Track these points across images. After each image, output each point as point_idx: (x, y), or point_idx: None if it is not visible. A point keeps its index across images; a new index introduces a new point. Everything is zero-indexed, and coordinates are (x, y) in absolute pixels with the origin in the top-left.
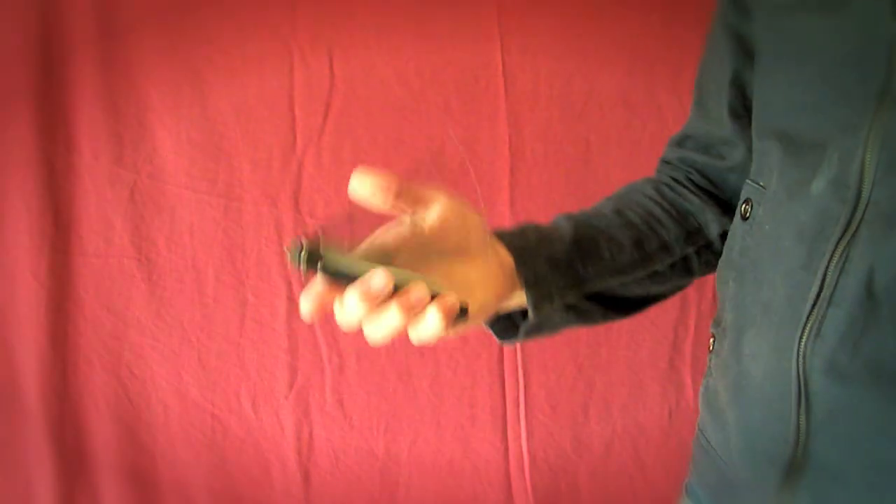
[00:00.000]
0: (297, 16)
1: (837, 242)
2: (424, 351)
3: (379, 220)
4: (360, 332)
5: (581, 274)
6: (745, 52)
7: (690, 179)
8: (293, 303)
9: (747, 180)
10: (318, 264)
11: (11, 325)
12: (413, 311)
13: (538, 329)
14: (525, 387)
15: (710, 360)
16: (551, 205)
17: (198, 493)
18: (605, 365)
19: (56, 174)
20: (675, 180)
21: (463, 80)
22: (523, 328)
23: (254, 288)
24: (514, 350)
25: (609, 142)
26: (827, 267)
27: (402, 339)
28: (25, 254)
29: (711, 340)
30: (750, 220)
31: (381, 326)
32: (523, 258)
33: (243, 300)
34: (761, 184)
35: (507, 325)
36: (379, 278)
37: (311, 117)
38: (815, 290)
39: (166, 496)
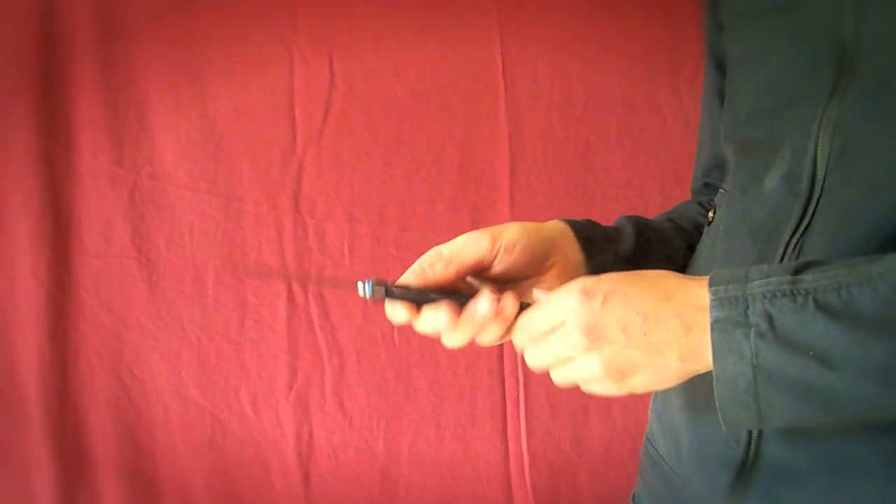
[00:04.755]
0: (297, 16)
1: (791, 237)
2: (424, 351)
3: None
4: (360, 331)
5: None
6: (721, 70)
7: None
8: (293, 303)
9: (720, 189)
10: (392, 290)
11: (11, 325)
12: (504, 331)
13: None
14: (525, 387)
15: None
16: (551, 205)
17: (198, 493)
18: None
19: (56, 174)
20: (711, 199)
21: (463, 80)
22: None
23: (254, 288)
24: (515, 350)
25: (609, 142)
26: (781, 262)
27: (401, 338)
28: (25, 254)
29: None
30: (712, 223)
31: (487, 339)
32: (592, 250)
33: (243, 300)
34: (727, 189)
35: None
36: (484, 303)
37: (311, 117)
38: None
39: (166, 496)
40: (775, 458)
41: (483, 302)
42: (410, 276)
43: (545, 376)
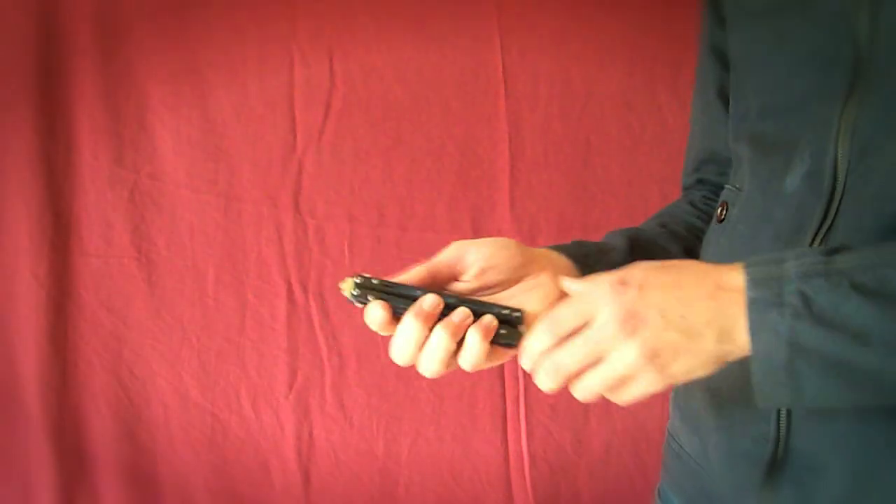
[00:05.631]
0: (297, 16)
1: (814, 235)
2: None
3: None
4: (360, 331)
5: None
6: (724, 65)
7: (716, 194)
8: (293, 303)
9: (726, 185)
10: (370, 291)
11: (11, 325)
12: (458, 333)
13: None
14: (525, 387)
15: None
16: (551, 205)
17: (198, 493)
18: None
19: (56, 174)
20: (705, 196)
21: (463, 80)
22: None
23: (254, 288)
24: None
25: (609, 142)
26: None
27: None
28: (25, 254)
29: None
30: (725, 221)
31: (432, 351)
32: (587, 264)
33: (243, 300)
34: (737, 187)
35: None
36: (430, 298)
37: (311, 117)
38: None
39: (166, 496)
40: (805, 452)
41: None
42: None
43: None
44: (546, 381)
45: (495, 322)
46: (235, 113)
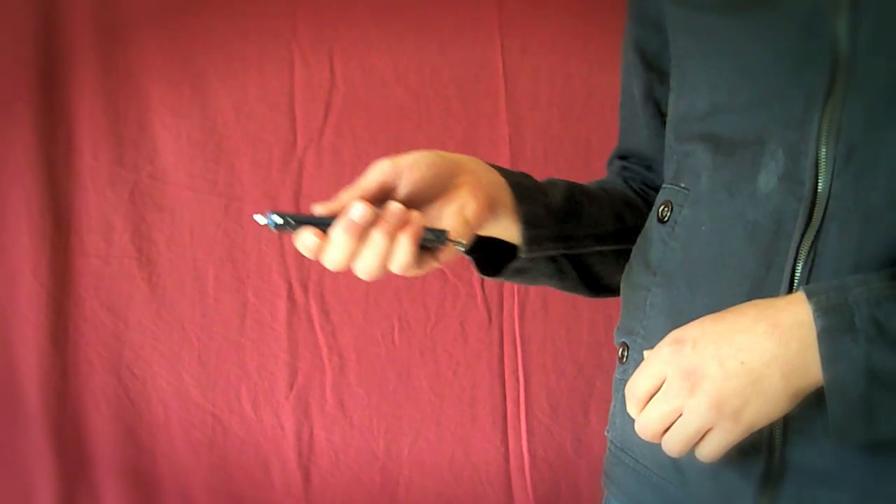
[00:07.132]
0: (297, 16)
1: (801, 240)
2: (424, 351)
3: None
4: (360, 331)
5: (571, 230)
6: (649, 66)
7: (645, 183)
8: (293, 303)
9: (664, 185)
10: (291, 219)
11: (11, 325)
12: (393, 230)
13: (521, 273)
14: (525, 387)
15: (624, 374)
16: None
17: (198, 493)
18: (606, 365)
19: (56, 174)
20: (633, 181)
21: (463, 80)
22: (511, 266)
23: (254, 288)
24: (515, 350)
25: (609, 142)
26: (794, 265)
27: (402, 338)
28: (25, 254)
29: (624, 351)
30: (671, 222)
31: (369, 254)
32: (524, 196)
33: (243, 300)
34: (682, 185)
35: (487, 260)
36: (357, 207)
37: (311, 117)
38: (783, 288)
39: (166, 496)
40: (804, 462)
41: (354, 208)
42: (319, 209)
43: (545, 376)
44: (644, 437)
45: (422, 223)
46: (235, 113)
